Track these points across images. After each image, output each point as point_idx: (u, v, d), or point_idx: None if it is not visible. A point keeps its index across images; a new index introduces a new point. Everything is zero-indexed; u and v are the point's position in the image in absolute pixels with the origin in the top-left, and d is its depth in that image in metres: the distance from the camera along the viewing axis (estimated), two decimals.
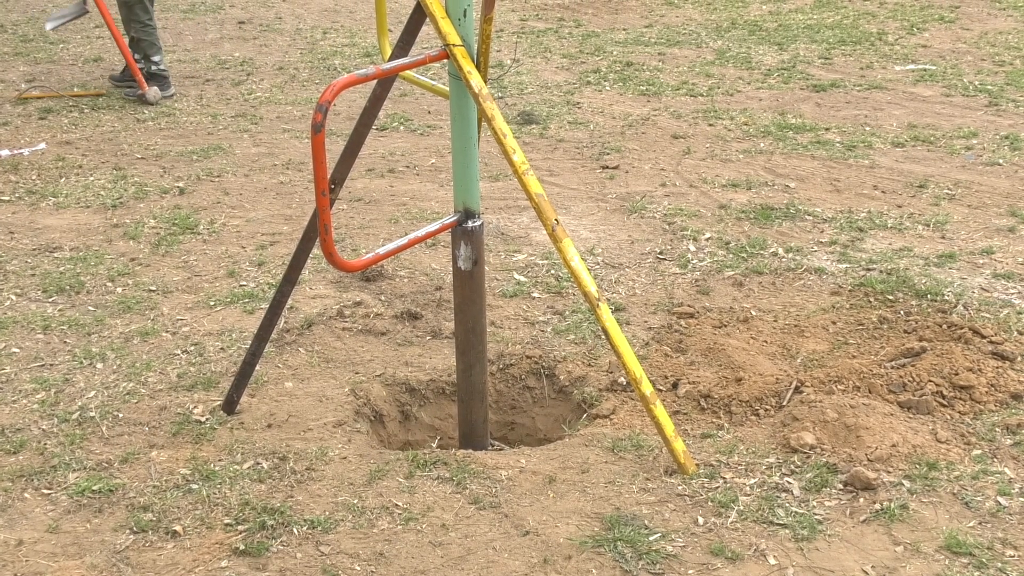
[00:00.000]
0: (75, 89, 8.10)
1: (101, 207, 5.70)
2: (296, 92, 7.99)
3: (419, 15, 3.32)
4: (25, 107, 7.61)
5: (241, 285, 4.69)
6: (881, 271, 4.64)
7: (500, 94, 7.73)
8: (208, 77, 8.50)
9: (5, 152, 6.61)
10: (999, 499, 3.11)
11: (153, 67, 7.77)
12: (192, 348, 4.17)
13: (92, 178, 6.14)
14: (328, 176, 2.80)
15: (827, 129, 6.76)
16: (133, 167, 6.34)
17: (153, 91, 7.64)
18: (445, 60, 3.09)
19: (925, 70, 8.13)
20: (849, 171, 6.01)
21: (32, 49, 9.56)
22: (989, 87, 7.59)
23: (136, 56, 7.71)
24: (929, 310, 4.26)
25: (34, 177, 6.19)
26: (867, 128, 6.76)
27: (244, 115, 7.39)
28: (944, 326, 4.09)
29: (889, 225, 5.19)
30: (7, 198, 5.86)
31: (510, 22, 10.31)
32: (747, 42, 9.24)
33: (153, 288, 4.68)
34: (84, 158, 6.51)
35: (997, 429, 3.45)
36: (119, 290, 4.68)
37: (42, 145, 6.75)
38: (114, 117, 7.38)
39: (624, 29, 9.91)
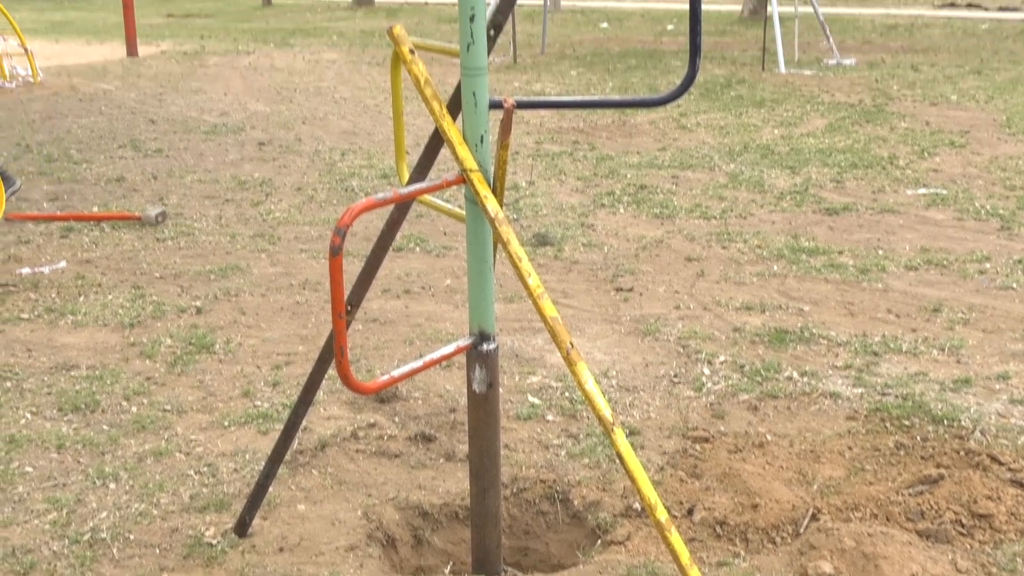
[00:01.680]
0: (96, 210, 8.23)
1: (119, 325, 5.75)
2: (314, 213, 8.10)
3: (437, 140, 3.39)
4: (47, 226, 7.73)
5: (256, 405, 4.70)
6: (897, 396, 4.62)
7: (515, 216, 7.82)
8: (228, 197, 8.64)
9: (26, 270, 6.69)
10: None
11: None
12: (205, 469, 4.16)
13: (111, 296, 6.21)
14: (345, 298, 2.83)
15: (840, 252, 6.80)
16: (152, 286, 6.41)
17: None
18: (462, 184, 3.14)
19: (937, 194, 8.21)
20: (863, 294, 6.03)
21: (56, 168, 9.75)
22: (1001, 211, 7.65)
23: None
24: (946, 436, 4.23)
25: (54, 295, 6.26)
26: (880, 251, 6.81)
27: (262, 235, 7.49)
28: (962, 453, 4.06)
29: (904, 349, 5.19)
30: (26, 316, 5.91)
31: (525, 145, 10.48)
32: (759, 165, 9.36)
33: (168, 407, 4.69)
34: (103, 276, 6.59)
35: (1018, 559, 3.40)
36: (134, 409, 4.69)
37: (62, 263, 6.84)
38: (134, 236, 7.48)
39: (638, 152, 10.06)
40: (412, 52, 3.23)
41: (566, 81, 15.46)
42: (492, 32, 3.17)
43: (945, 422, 4.35)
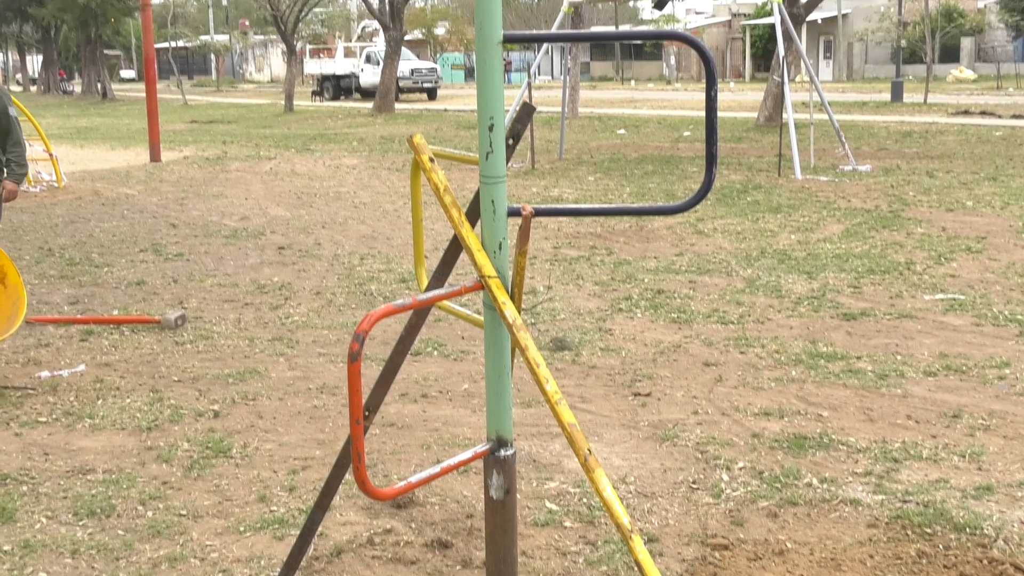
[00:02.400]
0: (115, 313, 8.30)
1: (136, 429, 5.76)
2: (333, 317, 8.16)
3: (456, 247, 3.44)
4: (67, 329, 7.80)
5: (272, 510, 4.69)
6: (918, 503, 4.59)
7: (533, 320, 7.86)
8: (247, 301, 8.71)
9: (45, 373, 6.74)
10: None
11: None
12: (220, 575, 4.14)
13: (129, 400, 6.24)
14: (363, 403, 2.85)
15: (859, 358, 6.80)
16: (170, 389, 6.44)
17: None
18: (480, 290, 3.18)
19: (955, 300, 8.22)
20: (882, 400, 6.01)
21: (77, 272, 9.87)
22: (1020, 317, 7.65)
23: None
24: (968, 544, 4.19)
25: (72, 399, 6.29)
26: (899, 357, 6.80)
27: (281, 339, 7.54)
28: (985, 561, 4.01)
29: (924, 456, 5.16)
30: (44, 419, 5.94)
31: (544, 249, 10.57)
32: (776, 271, 9.40)
33: (184, 512, 4.69)
34: (122, 380, 6.63)
35: None
36: (150, 514, 4.68)
37: (81, 367, 6.89)
38: (153, 340, 7.54)
39: (655, 257, 10.12)
40: (432, 160, 3.29)
41: (584, 186, 15.63)
42: (511, 141, 3.23)
43: (967, 530, 4.30)
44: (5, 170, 7.44)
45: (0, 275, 6.61)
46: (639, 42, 71.49)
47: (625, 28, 75.01)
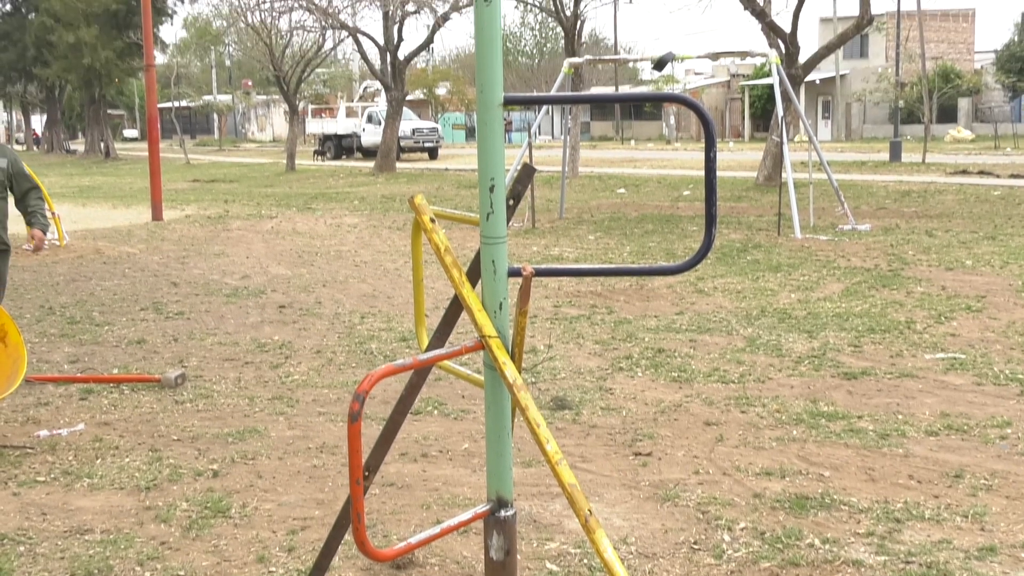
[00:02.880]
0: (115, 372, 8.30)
1: (135, 489, 5.74)
2: (333, 375, 8.15)
3: (456, 307, 3.46)
4: (67, 388, 7.80)
5: (270, 571, 4.66)
6: (921, 564, 4.55)
7: (533, 379, 7.85)
8: (247, 360, 8.71)
9: (44, 432, 6.72)
10: None
11: None
12: None
13: (128, 459, 6.22)
14: (363, 464, 2.85)
15: (860, 417, 6.78)
16: (169, 448, 6.42)
17: None
18: (481, 350, 3.19)
19: (955, 359, 8.22)
20: (883, 460, 5.99)
21: (78, 331, 9.88)
22: (1020, 376, 7.64)
23: None
24: None
25: (71, 458, 6.27)
26: (900, 416, 6.79)
27: (281, 398, 7.53)
28: None
29: (927, 516, 5.13)
30: (42, 479, 5.92)
31: (544, 308, 10.58)
32: (777, 330, 9.41)
33: (182, 573, 4.65)
34: (121, 439, 6.61)
35: None
36: (147, 575, 4.65)
37: (80, 426, 6.87)
38: (153, 399, 7.53)
39: (655, 316, 10.14)
40: (433, 221, 3.32)
41: (584, 245, 15.69)
42: (511, 202, 3.26)
43: None
44: (31, 219, 7.63)
45: (1, 334, 6.62)
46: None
47: (625, 88, 75.60)
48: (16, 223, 7.58)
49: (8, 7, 64.83)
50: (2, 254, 7.53)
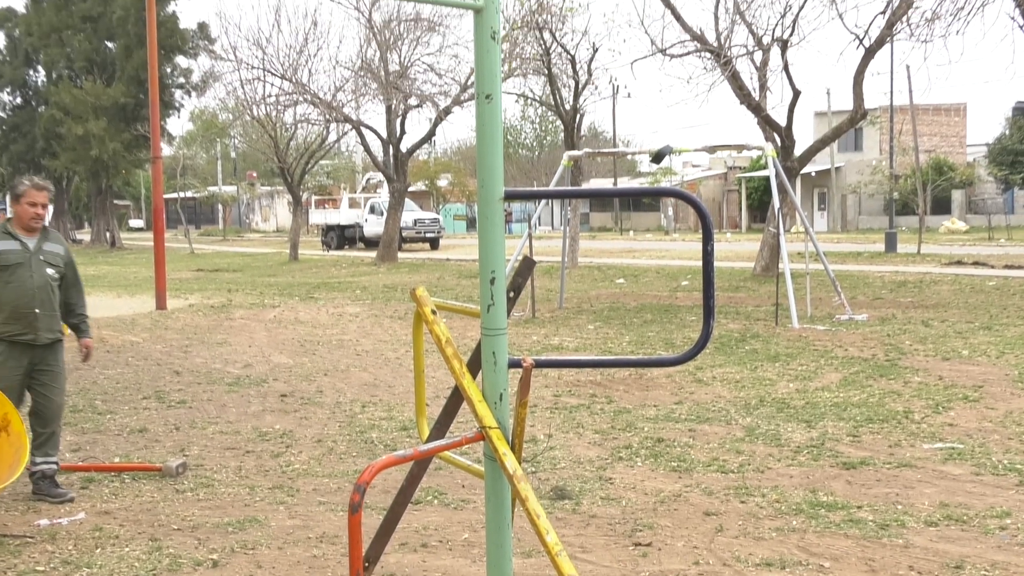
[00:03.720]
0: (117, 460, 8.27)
1: None
2: (334, 465, 8.12)
3: (457, 397, 3.47)
4: (68, 476, 7.76)
5: None
6: None
7: (533, 468, 7.82)
8: (248, 449, 8.68)
9: (44, 521, 6.68)
10: None
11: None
12: None
13: (127, 549, 6.17)
14: (363, 555, 2.84)
15: (859, 507, 6.74)
16: (169, 538, 6.37)
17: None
18: (481, 441, 3.20)
19: (953, 449, 8.19)
20: (884, 551, 5.94)
21: (80, 419, 9.85)
22: (1019, 466, 7.61)
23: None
24: None
25: (71, 547, 6.22)
26: (899, 506, 6.75)
27: (281, 487, 7.49)
28: None
29: None
30: (42, 568, 5.87)
31: (544, 398, 10.57)
32: (776, 419, 9.39)
33: None
34: (121, 528, 6.56)
35: None
36: None
37: (81, 515, 6.83)
38: (154, 487, 7.49)
39: (655, 406, 10.12)
40: (434, 312, 3.35)
41: (584, 335, 15.71)
42: (512, 294, 3.30)
43: None
44: (81, 325, 7.54)
45: (3, 423, 6.61)
46: None
47: (624, 180, 76.25)
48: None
49: (19, 100, 65.70)
50: (57, 343, 7.30)
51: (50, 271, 7.18)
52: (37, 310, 7.04)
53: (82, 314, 7.54)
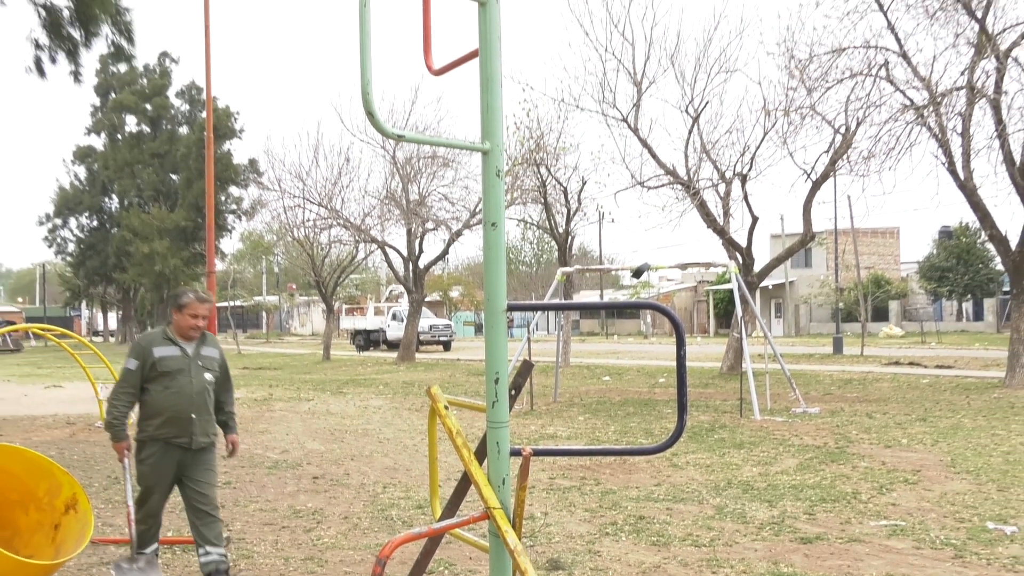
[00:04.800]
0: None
1: None
2: (358, 539, 7.99)
3: (466, 481, 3.43)
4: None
5: None
6: None
7: (531, 542, 7.69)
8: (284, 524, 8.55)
9: None
10: None
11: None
12: None
13: None
14: None
15: None
16: None
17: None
18: (486, 519, 3.15)
19: (896, 526, 8.06)
20: None
21: None
22: (953, 541, 7.48)
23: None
24: None
25: None
26: None
27: (312, 558, 7.36)
28: None
29: None
30: None
31: (540, 480, 10.45)
32: (742, 499, 9.26)
33: None
34: None
35: None
36: None
37: None
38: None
39: (637, 487, 9.99)
40: (446, 408, 3.34)
41: (575, 425, 15.59)
42: (513, 392, 3.29)
43: None
44: (229, 422, 6.82)
45: (73, 501, 6.54)
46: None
47: (609, 292, 76.51)
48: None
49: (95, 223, 66.37)
50: (211, 446, 6.62)
51: (208, 376, 6.44)
52: (194, 415, 6.33)
53: (230, 411, 6.78)
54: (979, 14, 18.96)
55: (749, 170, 24.69)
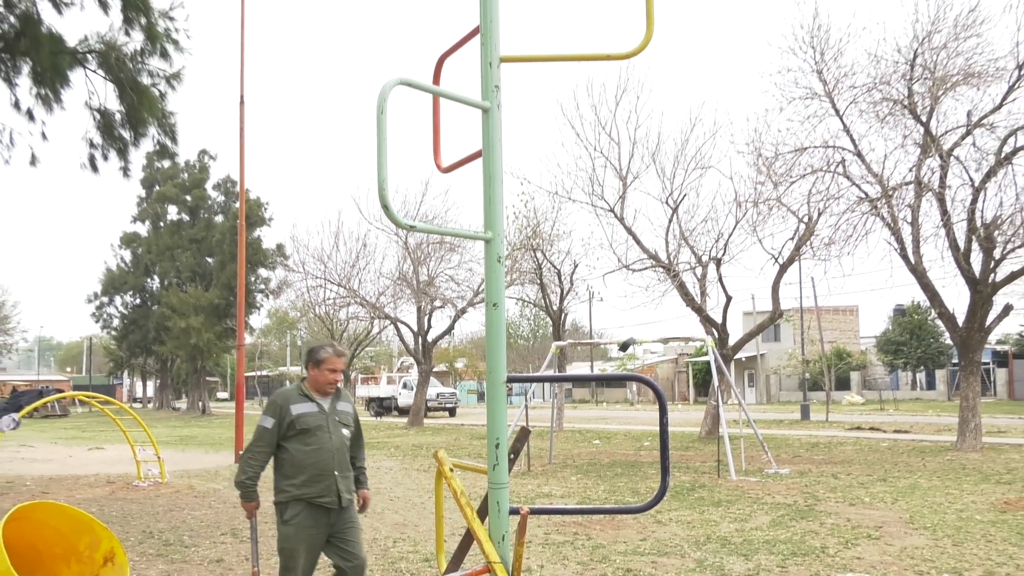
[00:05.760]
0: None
1: None
2: None
3: (469, 537, 3.39)
4: None
5: None
6: None
7: None
8: None
9: None
10: None
11: None
12: None
13: None
14: None
15: None
16: None
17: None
18: (487, 573, 3.11)
19: None
20: None
21: (171, 551, 9.57)
22: None
23: None
24: None
25: None
26: None
27: None
28: None
29: None
30: None
31: (536, 535, 10.29)
32: (720, 553, 9.12)
33: None
34: None
35: None
36: None
37: None
38: None
39: (624, 542, 9.84)
40: (452, 470, 3.31)
41: (568, 485, 15.41)
42: (512, 456, 3.27)
43: None
44: (361, 477, 6.05)
45: (111, 554, 6.43)
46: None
47: (598, 363, 76.26)
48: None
49: (137, 301, 66.45)
50: (352, 503, 5.88)
51: (345, 431, 5.79)
52: (336, 472, 5.62)
53: (362, 466, 6.03)
54: (924, 118, 19.28)
55: (723, 255, 24.83)
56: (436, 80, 3.12)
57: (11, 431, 12.89)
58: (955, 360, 53.56)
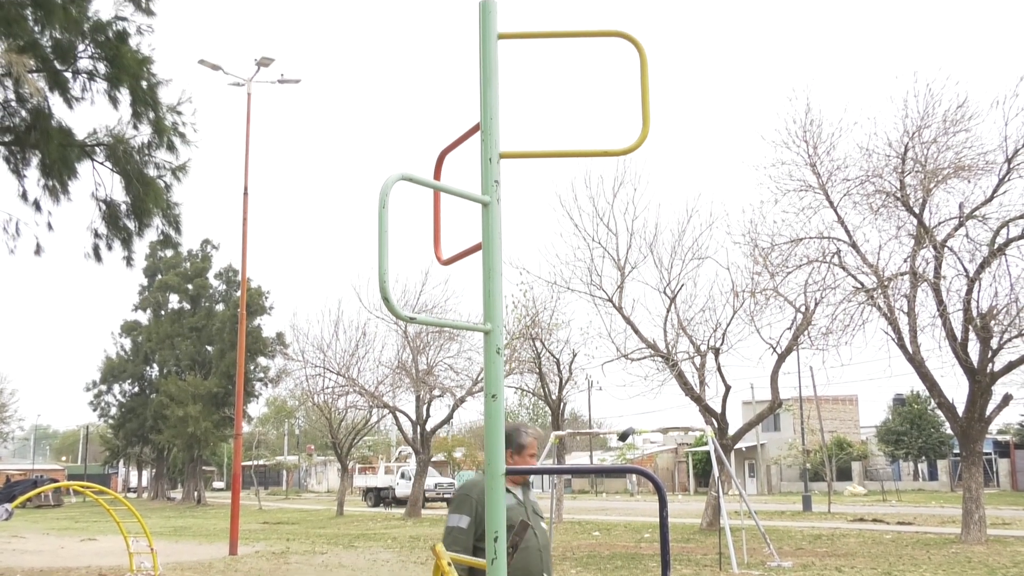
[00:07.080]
0: None
1: None
2: None
3: None
4: None
5: None
6: None
7: None
8: None
9: None
10: None
11: None
12: None
13: None
14: None
15: None
16: None
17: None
18: None
19: None
20: None
21: None
22: None
23: None
24: None
25: None
26: None
27: None
28: None
29: None
30: None
31: None
32: None
33: None
34: None
35: None
36: None
37: None
38: None
39: None
40: (449, 564, 3.25)
41: None
42: (511, 549, 3.21)
43: None
44: None
45: None
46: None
47: (597, 453, 75.43)
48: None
49: (136, 389, 66.13)
50: None
51: (544, 526, 4.82)
52: (545, 575, 4.58)
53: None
54: (916, 210, 19.53)
55: (721, 344, 24.82)
56: (437, 175, 3.18)
57: (3, 521, 12.67)
58: (956, 450, 53.08)
